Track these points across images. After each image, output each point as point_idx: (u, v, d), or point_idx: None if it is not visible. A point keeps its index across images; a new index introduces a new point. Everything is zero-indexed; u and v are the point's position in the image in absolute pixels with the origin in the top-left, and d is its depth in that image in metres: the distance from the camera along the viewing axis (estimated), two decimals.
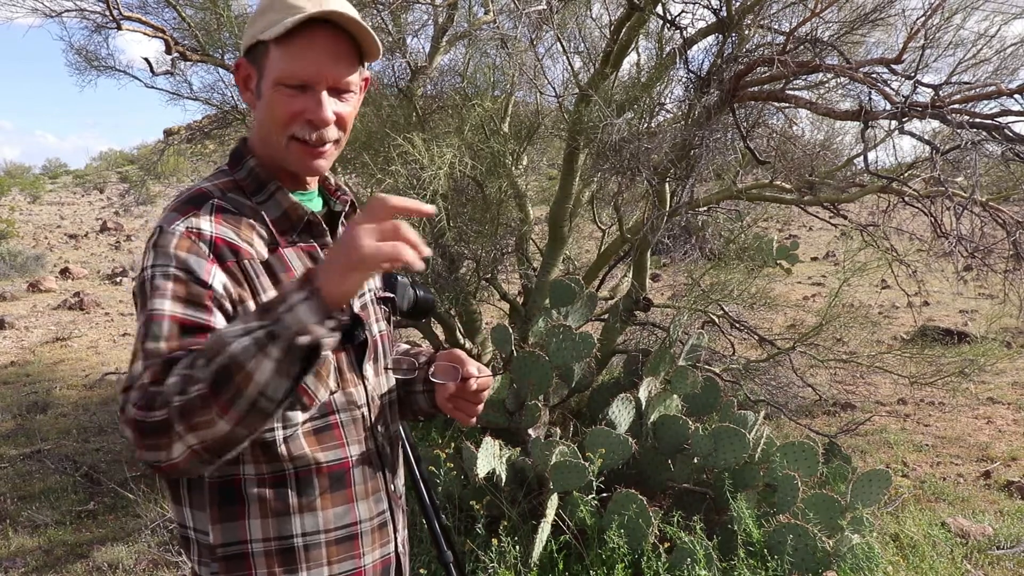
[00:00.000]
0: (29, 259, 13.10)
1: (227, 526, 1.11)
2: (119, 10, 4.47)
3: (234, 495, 1.10)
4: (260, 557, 1.11)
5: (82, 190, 34.42)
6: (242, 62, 1.17)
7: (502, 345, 3.62)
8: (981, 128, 3.07)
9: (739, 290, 4.77)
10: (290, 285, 0.94)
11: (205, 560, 1.12)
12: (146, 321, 1.01)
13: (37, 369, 7.16)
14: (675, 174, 3.79)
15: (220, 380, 0.89)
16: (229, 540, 1.11)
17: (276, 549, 1.12)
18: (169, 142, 7.91)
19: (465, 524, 3.19)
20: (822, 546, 2.81)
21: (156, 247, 1.06)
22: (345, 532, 1.18)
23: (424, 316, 1.68)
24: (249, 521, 1.11)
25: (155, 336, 0.99)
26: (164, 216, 1.11)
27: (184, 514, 1.13)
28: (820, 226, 11.41)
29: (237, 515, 1.11)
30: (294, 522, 1.13)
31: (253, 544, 1.11)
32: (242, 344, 0.89)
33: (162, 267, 1.04)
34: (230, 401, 0.89)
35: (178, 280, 1.04)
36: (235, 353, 0.89)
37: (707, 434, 3.18)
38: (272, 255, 1.14)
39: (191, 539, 1.13)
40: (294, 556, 1.13)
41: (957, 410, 5.54)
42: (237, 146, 1.22)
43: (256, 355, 0.89)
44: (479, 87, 4.64)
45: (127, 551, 3.50)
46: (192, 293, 1.03)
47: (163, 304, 1.02)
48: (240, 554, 1.11)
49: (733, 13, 3.64)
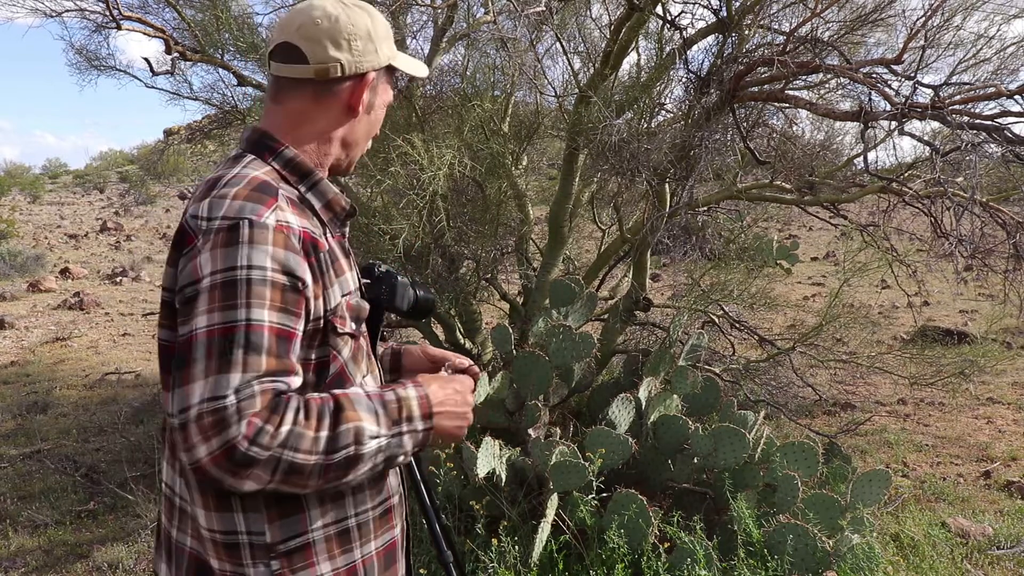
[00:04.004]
0: (29, 259, 13.09)
1: (286, 522, 1.13)
2: (119, 10, 4.47)
3: (289, 493, 1.11)
4: (320, 544, 1.16)
5: (82, 190, 34.43)
6: (379, 74, 1.27)
7: (502, 345, 3.62)
8: (981, 129, 3.07)
9: (739, 290, 4.77)
10: (415, 406, 1.15)
11: (260, 560, 1.13)
12: (246, 329, 1.02)
13: (37, 369, 7.16)
14: (675, 174, 3.79)
15: (338, 467, 1.04)
16: (289, 535, 1.14)
17: (335, 533, 1.18)
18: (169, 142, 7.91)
19: (465, 524, 3.19)
20: (822, 546, 2.81)
21: (251, 243, 1.04)
22: (384, 506, 1.27)
23: (424, 316, 1.68)
24: (309, 513, 1.15)
25: (256, 348, 1.01)
26: (239, 206, 1.07)
27: (235, 520, 1.13)
28: (820, 226, 11.41)
29: (297, 509, 1.14)
30: (348, 505, 1.19)
31: (314, 533, 1.16)
32: (370, 449, 1.07)
33: (260, 269, 1.04)
34: (330, 481, 1.05)
35: (275, 286, 1.05)
36: (362, 455, 1.06)
37: (707, 434, 3.18)
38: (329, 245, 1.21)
39: (240, 544, 1.13)
40: (349, 536, 1.20)
41: (957, 410, 5.54)
42: (258, 136, 1.22)
43: (371, 460, 1.08)
44: (479, 87, 4.64)
45: (127, 551, 3.50)
46: (287, 300, 1.06)
47: (261, 314, 1.03)
48: (302, 545, 1.15)
49: (733, 13, 3.64)
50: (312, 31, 1.19)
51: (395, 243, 3.75)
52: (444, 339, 5.03)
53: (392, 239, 3.78)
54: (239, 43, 4.82)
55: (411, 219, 3.76)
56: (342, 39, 1.20)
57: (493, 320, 6.50)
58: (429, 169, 3.68)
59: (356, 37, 1.21)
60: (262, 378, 1.01)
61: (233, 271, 1.03)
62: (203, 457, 0.98)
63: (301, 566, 1.14)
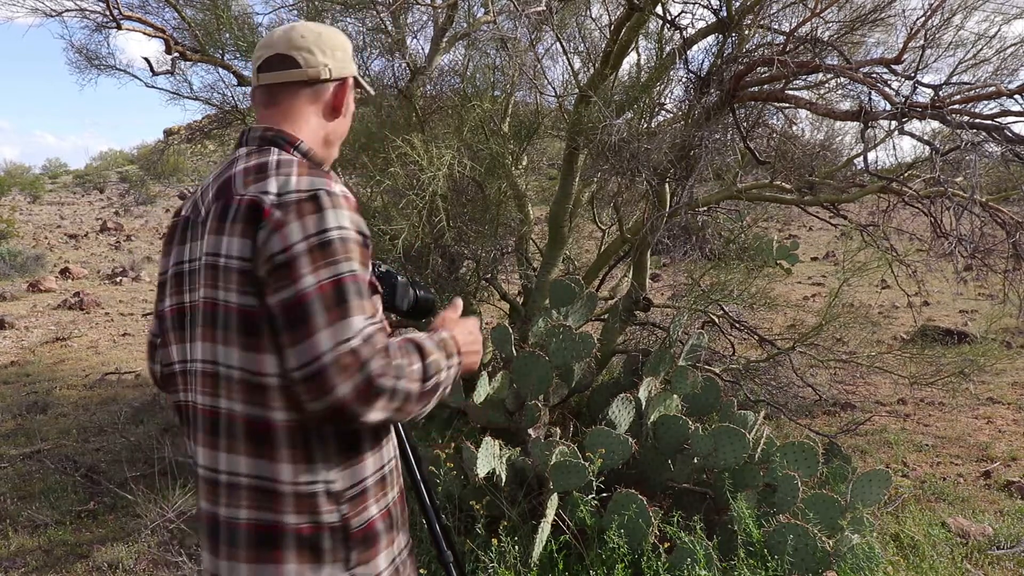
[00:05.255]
0: (29, 259, 13.10)
1: (352, 470, 1.29)
2: (119, 10, 4.48)
3: (355, 442, 1.29)
4: (371, 489, 1.32)
5: (82, 190, 34.43)
6: (352, 82, 1.50)
7: (502, 345, 3.62)
8: (981, 129, 3.07)
9: (739, 290, 4.77)
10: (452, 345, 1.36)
11: (331, 508, 1.27)
12: (351, 280, 1.19)
13: (37, 369, 7.16)
14: (675, 174, 3.79)
15: (428, 393, 1.25)
16: (354, 481, 1.29)
17: (378, 479, 1.34)
18: (169, 142, 7.91)
19: (465, 524, 3.19)
20: (822, 546, 2.81)
21: (334, 208, 1.22)
22: (396, 459, 1.44)
23: (424, 316, 1.68)
24: (366, 461, 1.31)
25: (362, 294, 1.20)
26: (309, 180, 1.25)
27: (315, 471, 1.25)
28: (820, 226, 11.41)
29: (358, 459, 1.30)
30: (385, 455, 1.37)
31: (368, 479, 1.32)
32: (449, 376, 1.32)
33: (346, 229, 1.22)
34: (423, 405, 1.26)
35: (357, 243, 1.22)
36: (441, 382, 1.29)
37: (707, 434, 3.17)
38: None
39: (318, 493, 1.25)
40: (385, 482, 1.37)
41: (957, 410, 5.54)
42: (273, 134, 1.38)
43: (445, 386, 1.31)
44: (479, 87, 4.64)
45: (127, 551, 3.50)
46: (365, 256, 1.24)
47: (356, 266, 1.21)
48: (361, 491, 1.30)
49: (733, 13, 3.64)
50: (301, 43, 1.40)
51: (395, 243, 3.75)
52: None
53: (392, 239, 3.78)
54: (239, 43, 4.82)
55: (411, 219, 3.76)
56: (326, 47, 1.42)
57: (493, 320, 6.50)
58: (429, 169, 3.68)
59: (336, 47, 1.44)
60: (373, 320, 1.19)
61: (326, 233, 1.20)
62: (347, 394, 1.14)
63: (361, 509, 1.30)
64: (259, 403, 1.23)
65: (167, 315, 1.38)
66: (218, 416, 1.27)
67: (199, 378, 1.30)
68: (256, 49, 1.46)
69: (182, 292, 1.35)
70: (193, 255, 1.33)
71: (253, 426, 1.24)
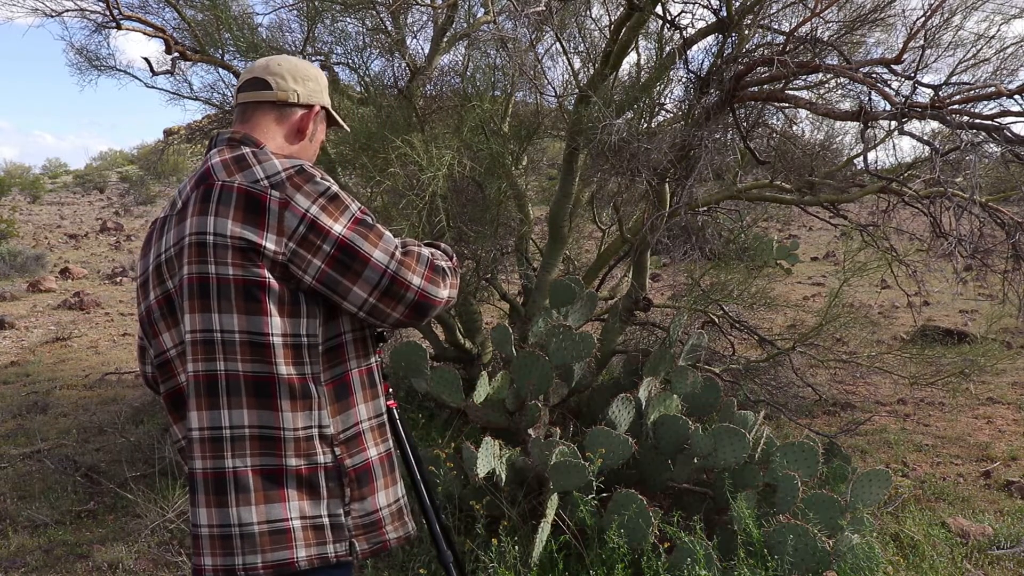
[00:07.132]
0: (29, 259, 13.10)
1: (345, 415, 1.48)
2: (119, 10, 4.48)
3: (347, 390, 1.49)
4: (368, 432, 1.51)
5: (82, 190, 34.44)
6: (322, 112, 1.67)
7: (502, 345, 3.61)
8: (981, 129, 3.07)
9: (739, 290, 4.77)
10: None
11: (325, 450, 1.44)
12: (362, 212, 1.45)
13: (37, 369, 7.16)
14: (675, 174, 3.79)
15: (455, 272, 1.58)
16: (347, 425, 1.48)
17: (376, 425, 1.54)
18: (169, 142, 7.92)
19: (465, 524, 3.19)
20: (822, 546, 2.81)
21: (316, 172, 1.44)
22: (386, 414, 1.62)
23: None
24: (359, 407, 1.50)
25: (374, 220, 1.47)
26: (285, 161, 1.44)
27: (312, 416, 1.42)
28: (820, 226, 11.42)
29: (350, 404, 1.49)
30: (380, 404, 1.55)
31: (363, 424, 1.51)
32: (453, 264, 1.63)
33: (334, 185, 1.44)
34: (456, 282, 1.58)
35: (347, 193, 1.51)
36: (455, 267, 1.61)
37: (707, 434, 3.17)
38: None
39: (313, 437, 1.42)
40: (384, 429, 1.56)
41: (957, 410, 5.54)
42: (242, 136, 1.53)
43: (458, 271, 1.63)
44: (479, 87, 4.64)
45: (127, 551, 3.50)
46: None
47: (357, 206, 1.46)
48: (355, 434, 1.49)
49: (733, 13, 3.64)
50: (277, 69, 1.59)
51: None
52: (444, 339, 5.04)
53: None
54: (239, 43, 4.82)
55: (411, 219, 3.76)
56: (299, 76, 1.60)
57: (493, 320, 6.50)
58: (428, 169, 3.68)
59: (308, 79, 1.62)
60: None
61: (327, 190, 1.42)
62: (420, 284, 1.45)
63: (356, 450, 1.48)
64: (261, 360, 1.38)
65: (154, 307, 1.50)
66: (216, 378, 1.39)
67: (194, 348, 1.40)
68: (240, 76, 1.62)
69: (164, 281, 1.47)
70: (170, 243, 1.46)
71: (256, 381, 1.39)
